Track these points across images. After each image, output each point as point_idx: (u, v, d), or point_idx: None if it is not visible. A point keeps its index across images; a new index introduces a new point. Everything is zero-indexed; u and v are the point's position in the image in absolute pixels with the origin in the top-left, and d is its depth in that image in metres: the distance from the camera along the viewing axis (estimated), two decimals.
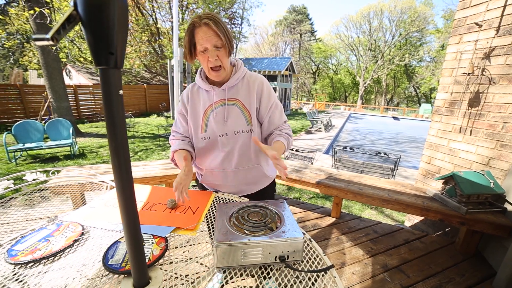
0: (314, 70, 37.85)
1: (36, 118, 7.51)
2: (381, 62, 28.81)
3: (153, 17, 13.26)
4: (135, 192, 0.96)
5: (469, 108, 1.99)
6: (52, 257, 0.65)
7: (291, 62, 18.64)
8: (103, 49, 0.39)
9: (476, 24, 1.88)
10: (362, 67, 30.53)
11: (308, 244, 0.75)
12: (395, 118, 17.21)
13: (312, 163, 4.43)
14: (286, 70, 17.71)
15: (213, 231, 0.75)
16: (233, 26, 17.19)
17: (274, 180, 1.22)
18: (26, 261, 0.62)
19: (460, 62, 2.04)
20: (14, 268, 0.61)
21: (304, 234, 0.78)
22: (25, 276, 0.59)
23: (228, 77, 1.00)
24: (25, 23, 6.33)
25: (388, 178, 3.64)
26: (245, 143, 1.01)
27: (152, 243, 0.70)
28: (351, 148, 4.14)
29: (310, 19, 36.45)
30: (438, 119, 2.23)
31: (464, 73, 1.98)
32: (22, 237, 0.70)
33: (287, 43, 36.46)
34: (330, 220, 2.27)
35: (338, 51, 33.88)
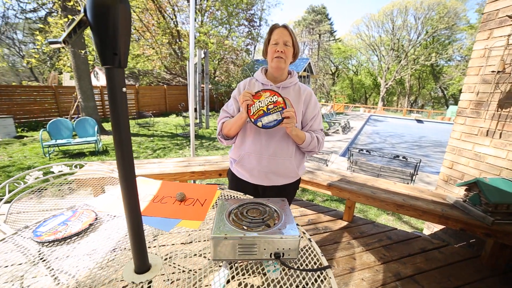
0: (333, 71, 36.96)
1: (67, 117, 8.13)
2: (405, 62, 27.37)
3: (174, 20, 13.78)
4: (143, 184, 1.00)
5: (499, 110, 1.84)
6: (72, 237, 0.72)
7: (309, 63, 18.39)
8: (108, 50, 0.43)
9: (510, 17, 1.74)
10: (383, 68, 29.24)
11: (307, 244, 0.75)
12: (419, 121, 16.26)
13: (327, 165, 4.34)
14: (304, 71, 17.49)
15: None
16: (251, 28, 17.36)
17: (299, 180, 1.30)
18: (50, 240, 0.70)
19: (488, 60, 1.90)
20: (40, 248, 0.68)
21: (304, 233, 0.78)
22: (48, 255, 0.66)
23: (283, 78, 1.17)
24: (62, 30, 6.90)
25: (408, 183, 3.45)
26: (285, 135, 1.12)
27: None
28: (367, 151, 3.99)
29: (329, 19, 35.72)
30: (461, 121, 2.09)
31: (492, 72, 1.84)
32: (44, 220, 0.78)
33: (306, 44, 36.00)
34: (342, 223, 2.22)
35: (359, 52, 32.76)
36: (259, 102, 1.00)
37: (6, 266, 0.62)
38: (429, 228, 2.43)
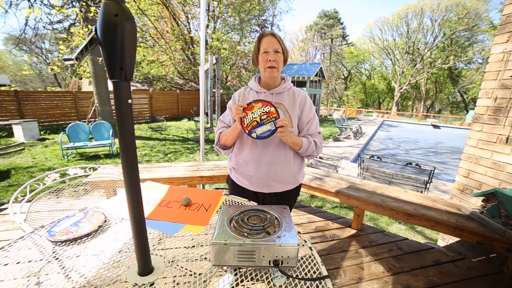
0: (345, 76, 36.48)
1: (84, 120, 8.54)
2: (420, 65, 26.51)
3: (187, 27, 14.21)
4: (151, 188, 1.04)
5: None
6: (83, 238, 0.76)
7: (321, 68, 18.27)
8: (115, 65, 0.46)
9: None
10: (398, 72, 28.47)
11: (308, 253, 0.74)
12: (435, 126, 15.64)
13: (337, 171, 4.26)
14: (316, 75, 17.38)
15: None
16: None
17: (300, 186, 1.29)
18: (63, 240, 0.75)
19: (507, 64, 1.82)
20: (54, 246, 0.73)
21: (305, 241, 0.78)
22: (61, 254, 0.70)
23: (277, 85, 1.18)
24: (83, 39, 7.32)
25: (421, 192, 3.32)
26: (282, 141, 1.12)
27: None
28: (378, 157, 3.89)
29: (341, 23, 35.47)
30: (478, 128, 2.00)
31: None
32: (58, 221, 0.83)
33: (318, 49, 35.88)
34: (350, 231, 2.17)
35: (372, 56, 32.14)
36: (251, 113, 1.03)
37: (24, 262, 0.67)
38: (444, 239, 2.31)
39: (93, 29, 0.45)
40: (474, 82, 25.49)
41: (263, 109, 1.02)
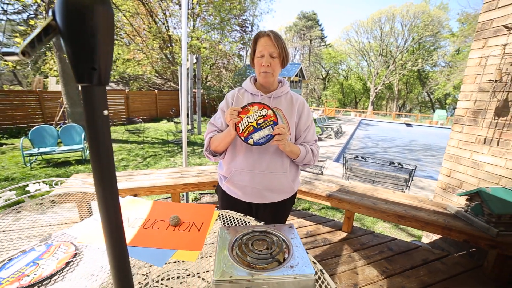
0: (324, 76, 37.61)
1: (51, 123, 7.79)
2: (393, 67, 28.21)
3: (166, 25, 13.63)
4: (132, 205, 0.88)
5: (496, 118, 1.84)
6: (44, 282, 0.59)
7: (301, 68, 18.60)
8: (85, 64, 0.34)
9: (505, 26, 1.75)
10: (373, 73, 30.00)
11: (319, 277, 0.66)
12: (408, 125, 16.69)
13: (322, 172, 4.30)
14: (296, 76, 17.67)
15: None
16: (243, 33, 17.43)
17: (295, 194, 1.22)
18: None
19: (485, 68, 1.91)
20: None
21: (315, 263, 0.70)
22: None
23: (274, 88, 1.11)
24: None
25: (403, 190, 3.45)
26: (279, 149, 1.04)
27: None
28: (362, 157, 3.98)
29: (320, 25, 36.49)
30: (459, 129, 2.09)
31: (490, 80, 1.85)
32: (10, 259, 0.65)
33: (297, 49, 36.55)
34: (341, 234, 2.15)
35: (349, 57, 33.52)
36: (247, 117, 0.93)
37: None
38: (428, 236, 2.40)
39: (51, 13, 0.32)
40: (439, 84, 27.66)
41: (260, 112, 0.92)
